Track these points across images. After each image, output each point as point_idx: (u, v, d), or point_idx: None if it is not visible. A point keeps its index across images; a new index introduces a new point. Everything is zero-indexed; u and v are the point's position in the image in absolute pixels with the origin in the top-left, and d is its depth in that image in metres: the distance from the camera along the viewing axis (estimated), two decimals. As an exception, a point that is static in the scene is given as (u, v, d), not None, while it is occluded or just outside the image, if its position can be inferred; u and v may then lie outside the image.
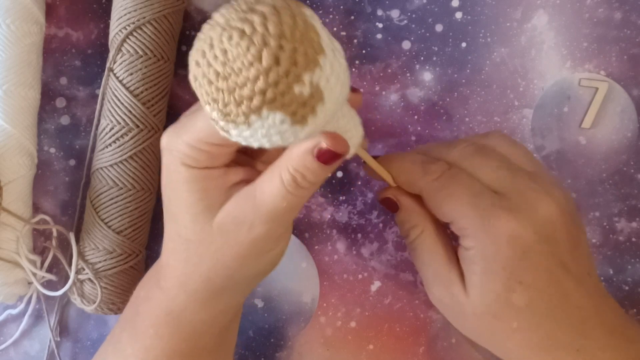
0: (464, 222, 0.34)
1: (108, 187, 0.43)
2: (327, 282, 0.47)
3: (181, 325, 0.35)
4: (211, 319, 0.36)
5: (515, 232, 0.34)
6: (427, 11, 0.46)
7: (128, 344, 0.36)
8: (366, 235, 0.47)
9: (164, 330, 0.35)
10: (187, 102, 0.46)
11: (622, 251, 0.46)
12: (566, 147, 0.46)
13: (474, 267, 0.35)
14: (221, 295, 0.35)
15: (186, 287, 0.34)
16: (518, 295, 0.34)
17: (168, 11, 0.42)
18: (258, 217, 0.32)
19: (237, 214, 0.32)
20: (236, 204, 0.32)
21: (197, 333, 0.35)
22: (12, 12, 0.42)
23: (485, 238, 0.34)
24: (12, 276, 0.44)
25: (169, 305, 0.35)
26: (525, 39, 0.46)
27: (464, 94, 0.46)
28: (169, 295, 0.35)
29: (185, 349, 0.35)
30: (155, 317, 0.35)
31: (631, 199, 0.46)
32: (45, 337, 0.47)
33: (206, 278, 0.34)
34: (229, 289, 0.35)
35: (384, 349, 0.47)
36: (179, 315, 0.35)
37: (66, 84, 0.46)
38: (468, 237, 0.35)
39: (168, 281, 0.35)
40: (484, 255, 0.34)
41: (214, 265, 0.33)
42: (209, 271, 0.33)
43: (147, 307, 0.36)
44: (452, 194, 0.35)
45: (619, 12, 0.46)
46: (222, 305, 0.36)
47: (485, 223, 0.34)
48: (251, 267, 0.34)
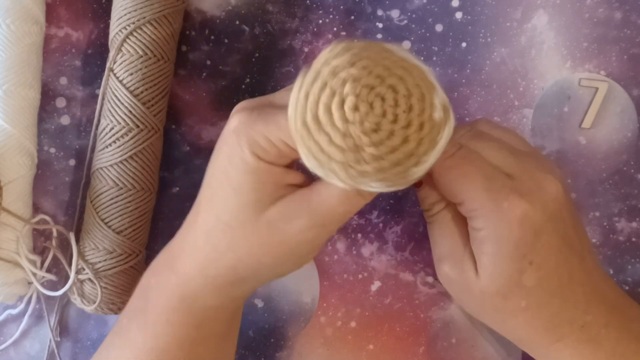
0: (476, 204, 0.34)
1: (108, 187, 0.43)
2: (327, 282, 0.47)
3: (193, 312, 0.35)
4: (223, 306, 0.36)
5: (527, 213, 0.34)
6: (427, 11, 0.46)
7: (138, 333, 0.36)
8: (366, 235, 0.47)
9: (176, 317, 0.35)
10: (187, 102, 0.46)
11: (622, 251, 0.46)
12: (566, 147, 0.46)
13: (485, 248, 0.35)
14: (239, 284, 0.35)
15: (206, 272, 0.34)
16: (528, 276, 0.34)
17: (168, 11, 0.43)
18: (310, 220, 0.32)
19: (290, 213, 0.32)
20: (290, 203, 0.32)
21: (208, 319, 0.35)
22: (12, 12, 0.42)
23: (498, 220, 0.34)
24: (12, 276, 0.44)
25: (183, 290, 0.35)
26: (525, 39, 0.46)
27: (464, 94, 0.46)
28: (184, 279, 0.35)
29: (195, 336, 0.35)
30: (167, 303, 0.35)
31: (631, 199, 0.46)
32: (45, 337, 0.47)
33: (231, 267, 0.33)
34: (249, 280, 0.35)
35: (384, 349, 0.47)
36: (192, 302, 0.35)
37: (66, 84, 0.46)
38: (479, 218, 0.34)
39: (186, 265, 0.35)
40: (496, 236, 0.34)
41: (245, 256, 0.33)
42: (236, 261, 0.33)
43: (158, 293, 0.36)
44: (465, 174, 0.35)
45: (619, 12, 0.46)
46: (237, 293, 0.36)
47: (497, 205, 0.34)
48: (281, 268, 0.34)
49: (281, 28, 0.46)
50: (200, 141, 0.47)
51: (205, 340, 0.36)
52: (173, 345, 0.35)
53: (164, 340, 0.35)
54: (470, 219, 0.35)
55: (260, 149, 0.32)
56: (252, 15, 0.46)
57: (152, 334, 0.35)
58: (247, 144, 0.32)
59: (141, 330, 0.36)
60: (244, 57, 0.46)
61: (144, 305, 0.36)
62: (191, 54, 0.46)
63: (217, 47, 0.46)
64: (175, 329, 0.35)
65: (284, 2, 0.46)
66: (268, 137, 0.31)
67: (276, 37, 0.46)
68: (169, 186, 0.47)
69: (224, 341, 0.38)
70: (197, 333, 0.35)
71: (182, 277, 0.35)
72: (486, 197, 0.34)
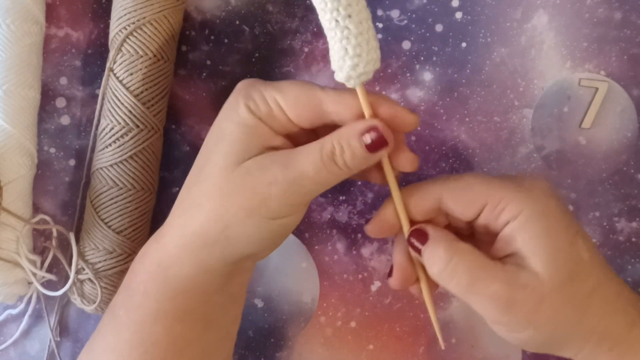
0: (500, 193, 0.34)
1: (108, 187, 0.43)
2: (327, 282, 0.47)
3: (167, 280, 0.35)
4: (196, 277, 0.35)
5: (548, 187, 0.34)
6: (427, 11, 0.46)
7: (121, 305, 0.36)
8: (366, 235, 0.47)
9: (152, 285, 0.35)
10: (187, 102, 0.46)
11: (622, 251, 0.46)
12: (566, 147, 0.46)
13: (531, 232, 0.33)
14: (212, 247, 0.34)
15: (183, 230, 0.35)
16: (581, 246, 0.33)
17: (168, 11, 0.43)
18: (281, 173, 0.33)
19: (265, 164, 0.33)
20: (267, 157, 0.33)
21: (181, 291, 0.35)
22: (12, 12, 0.42)
23: (529, 195, 0.33)
24: (12, 276, 0.44)
25: (160, 255, 0.35)
26: (525, 39, 0.46)
27: (464, 94, 0.46)
28: (163, 244, 0.35)
29: (170, 310, 0.35)
30: (146, 271, 0.35)
31: (631, 199, 0.46)
32: (45, 337, 0.47)
33: (205, 221, 0.34)
34: (220, 244, 0.34)
35: (384, 349, 0.47)
36: (166, 268, 0.35)
37: (66, 84, 0.46)
38: (508, 205, 0.33)
39: (169, 230, 0.35)
40: (537, 212, 0.33)
41: (218, 206, 0.34)
42: (210, 212, 0.34)
43: (141, 262, 0.36)
44: (474, 179, 0.35)
45: (619, 12, 0.46)
46: (207, 258, 0.35)
47: (519, 185, 0.34)
48: (252, 225, 0.34)
49: (281, 28, 0.46)
50: (200, 141, 0.47)
51: (182, 318, 0.36)
52: (149, 318, 0.35)
53: (141, 312, 0.35)
54: (499, 217, 0.34)
55: (254, 103, 0.34)
56: (252, 15, 0.46)
57: (132, 305, 0.36)
58: (243, 98, 0.34)
59: (124, 302, 0.36)
60: (244, 57, 0.46)
61: (128, 277, 0.37)
62: (191, 54, 0.46)
63: (217, 47, 0.46)
64: (151, 299, 0.35)
65: (284, 2, 0.46)
66: (264, 95, 0.34)
67: (276, 37, 0.46)
68: (169, 186, 0.47)
69: (205, 329, 0.37)
70: (171, 306, 0.35)
71: (162, 242, 0.35)
72: (506, 184, 0.34)
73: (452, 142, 0.46)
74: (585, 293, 0.33)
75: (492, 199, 0.34)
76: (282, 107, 0.34)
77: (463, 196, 0.35)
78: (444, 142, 0.46)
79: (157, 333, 0.35)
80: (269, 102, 0.34)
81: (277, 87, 0.34)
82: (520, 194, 0.34)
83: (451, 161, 0.46)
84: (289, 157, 0.33)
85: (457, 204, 0.35)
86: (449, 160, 0.46)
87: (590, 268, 0.34)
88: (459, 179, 0.35)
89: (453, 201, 0.35)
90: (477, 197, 0.34)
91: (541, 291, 0.33)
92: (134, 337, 0.35)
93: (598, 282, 0.34)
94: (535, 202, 0.33)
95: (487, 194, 0.34)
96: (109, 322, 0.37)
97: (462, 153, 0.46)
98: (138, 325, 0.35)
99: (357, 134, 0.33)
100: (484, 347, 0.46)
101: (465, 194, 0.35)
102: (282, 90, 0.34)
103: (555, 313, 0.33)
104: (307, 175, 0.33)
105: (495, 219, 0.34)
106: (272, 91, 0.34)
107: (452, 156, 0.46)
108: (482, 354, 0.46)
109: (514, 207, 0.33)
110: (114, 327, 0.36)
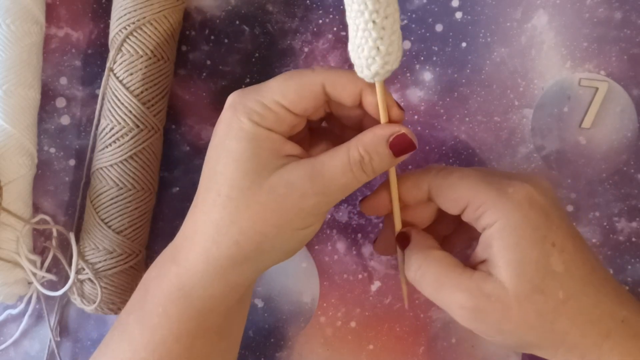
0: (481, 198, 0.34)
1: (108, 187, 0.43)
2: (327, 282, 0.47)
3: (190, 301, 0.34)
4: (221, 296, 0.35)
5: (532, 195, 0.34)
6: (427, 11, 0.46)
7: (135, 326, 0.35)
8: (366, 235, 0.47)
9: (173, 308, 0.34)
10: (187, 102, 0.46)
11: (622, 251, 0.46)
12: (566, 147, 0.46)
13: (504, 242, 0.33)
14: (242, 266, 0.34)
15: (208, 254, 0.34)
16: (555, 259, 0.33)
17: (168, 11, 0.43)
18: (312, 186, 0.32)
19: (292, 180, 0.32)
20: (293, 171, 0.33)
21: (205, 310, 0.35)
22: (12, 12, 0.42)
23: (508, 204, 0.33)
24: (12, 276, 0.44)
25: (181, 280, 0.34)
26: (525, 39, 0.46)
27: (464, 94, 0.46)
28: (185, 266, 0.34)
29: (192, 329, 0.35)
30: (165, 294, 0.35)
31: (631, 199, 0.46)
32: (45, 337, 0.47)
33: (234, 243, 0.33)
34: (251, 260, 0.34)
35: (384, 349, 0.47)
36: (190, 291, 0.34)
37: (66, 84, 0.46)
38: (487, 211, 0.34)
39: (188, 253, 0.34)
40: (512, 223, 0.33)
41: (247, 228, 0.33)
42: (239, 235, 0.33)
43: (157, 284, 0.35)
44: (461, 176, 0.35)
45: (619, 12, 0.46)
46: (236, 279, 0.35)
47: (503, 192, 0.34)
48: (283, 239, 0.34)
49: (281, 28, 0.46)
50: (200, 141, 0.47)
51: (202, 335, 0.35)
52: (170, 338, 0.34)
53: (160, 333, 0.35)
54: (480, 220, 0.34)
55: (257, 114, 0.33)
56: (252, 15, 0.46)
57: (149, 326, 0.35)
58: (244, 113, 0.33)
59: (139, 323, 0.35)
60: (244, 57, 0.46)
61: (142, 298, 0.36)
62: (191, 54, 0.46)
63: (217, 47, 0.46)
64: (172, 321, 0.34)
65: (284, 2, 0.46)
66: (263, 102, 0.33)
67: (276, 37, 0.46)
68: (169, 186, 0.47)
69: (221, 339, 0.37)
70: (194, 326, 0.35)
71: (183, 265, 0.34)
72: (488, 188, 0.34)
73: (452, 142, 0.46)
74: (553, 304, 0.33)
75: (473, 202, 0.34)
76: (286, 107, 0.33)
77: (447, 194, 0.35)
78: (444, 142, 0.46)
79: (176, 351, 0.35)
80: (272, 108, 0.33)
81: (271, 89, 0.33)
82: (499, 201, 0.34)
83: (451, 161, 0.46)
84: (314, 167, 0.33)
85: (441, 199, 0.36)
86: (449, 160, 0.46)
87: (563, 280, 0.33)
88: (448, 175, 0.36)
89: (437, 196, 0.36)
90: (460, 197, 0.35)
91: (506, 301, 0.33)
92: (150, 356, 0.35)
93: (572, 293, 0.33)
94: (513, 212, 0.33)
95: (470, 195, 0.35)
96: (119, 340, 0.36)
97: (462, 153, 0.46)
98: (156, 345, 0.35)
99: (384, 141, 0.33)
100: (484, 347, 0.46)
101: (450, 191, 0.35)
102: (278, 90, 0.33)
103: (521, 323, 0.33)
104: (337, 185, 0.33)
105: (476, 221, 0.35)
106: (269, 95, 0.33)
107: (452, 156, 0.46)
108: (482, 354, 0.46)
109: (492, 215, 0.34)
110: (127, 345, 0.35)
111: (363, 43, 0.32)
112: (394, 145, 0.33)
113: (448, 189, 0.35)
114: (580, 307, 0.33)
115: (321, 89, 0.34)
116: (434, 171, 0.36)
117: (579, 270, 0.34)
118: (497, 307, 0.33)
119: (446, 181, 0.36)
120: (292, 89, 0.33)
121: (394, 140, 0.33)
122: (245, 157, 0.33)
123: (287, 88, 0.33)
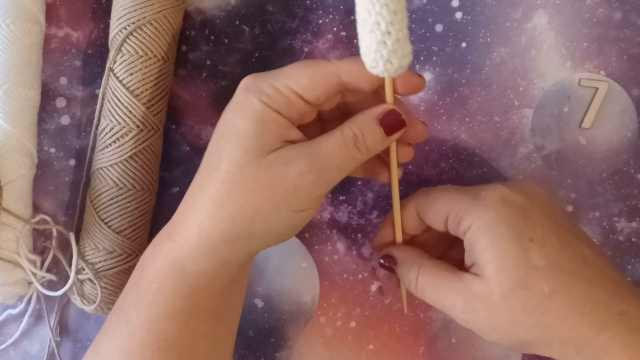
0: (457, 206, 0.36)
1: (108, 187, 0.43)
2: (327, 282, 0.47)
3: (183, 277, 0.35)
4: (213, 273, 0.35)
5: (506, 195, 0.35)
6: (427, 11, 0.46)
7: (131, 305, 0.36)
8: (366, 235, 0.47)
9: (167, 284, 0.35)
10: (187, 102, 0.46)
11: (622, 251, 0.46)
12: (566, 147, 0.46)
13: (481, 242, 0.34)
14: (233, 242, 0.34)
15: (202, 228, 0.34)
16: (535, 254, 0.34)
17: (168, 11, 0.43)
18: (309, 164, 0.33)
19: (290, 158, 0.33)
20: (290, 150, 0.34)
21: (198, 287, 0.35)
22: (12, 12, 0.42)
23: (480, 206, 0.35)
24: (12, 276, 0.44)
25: (175, 254, 0.35)
26: (525, 39, 0.46)
27: (464, 94, 0.46)
28: (179, 241, 0.35)
29: (186, 307, 0.35)
30: (160, 270, 0.35)
31: (631, 199, 0.46)
32: (45, 337, 0.47)
33: (228, 218, 0.34)
34: (243, 239, 0.34)
35: (384, 349, 0.47)
36: (184, 266, 0.34)
37: (66, 84, 0.46)
38: (464, 216, 0.35)
39: (183, 228, 0.35)
40: (485, 222, 0.34)
41: (243, 203, 0.33)
42: (234, 209, 0.33)
43: (153, 262, 0.36)
44: (440, 190, 0.38)
45: (619, 12, 0.46)
46: (228, 256, 0.35)
47: (475, 196, 0.36)
48: (277, 219, 0.34)
49: (281, 28, 0.46)
50: (200, 141, 0.47)
51: (197, 314, 0.35)
52: (164, 315, 0.35)
53: (155, 311, 0.35)
54: (458, 227, 0.36)
55: (267, 96, 0.34)
56: (252, 15, 0.46)
57: (145, 304, 0.35)
58: (255, 93, 0.34)
59: (134, 302, 0.36)
60: (244, 57, 0.46)
61: (138, 277, 0.36)
62: (191, 54, 0.46)
63: (217, 47, 0.46)
64: (166, 297, 0.35)
65: (284, 2, 0.46)
66: (275, 86, 0.34)
67: (276, 37, 0.46)
68: (169, 186, 0.47)
69: (216, 322, 0.37)
70: (187, 304, 0.35)
71: (177, 240, 0.35)
72: (463, 196, 0.36)
73: (452, 142, 0.46)
74: (539, 298, 0.34)
75: (452, 211, 0.36)
76: (298, 92, 0.34)
77: (429, 209, 0.38)
78: (444, 142, 0.46)
79: (171, 330, 0.35)
80: (283, 92, 0.34)
81: (285, 74, 0.34)
82: (472, 205, 0.35)
83: (451, 161, 0.46)
84: (311, 148, 0.34)
85: (426, 216, 0.38)
86: (449, 160, 0.46)
87: (547, 274, 0.34)
88: (428, 193, 0.38)
89: (423, 214, 0.38)
90: (440, 210, 0.37)
91: (492, 299, 0.34)
92: (146, 336, 0.35)
93: (557, 286, 0.34)
94: (485, 213, 0.35)
95: (448, 206, 0.36)
96: (117, 323, 0.36)
97: (462, 153, 0.46)
98: (151, 324, 0.35)
99: (374, 118, 0.34)
100: (484, 347, 0.46)
101: (430, 207, 0.38)
102: (292, 76, 0.34)
103: (509, 319, 0.34)
104: (333, 163, 0.34)
105: (457, 229, 0.36)
106: (283, 80, 0.34)
107: (452, 156, 0.46)
108: (482, 354, 0.46)
109: (467, 219, 0.35)
110: (124, 327, 0.36)
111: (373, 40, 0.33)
112: (384, 121, 0.34)
113: (430, 204, 0.38)
114: (570, 300, 0.34)
115: (336, 79, 0.34)
116: (417, 195, 0.39)
117: (566, 264, 0.34)
118: (485, 305, 0.34)
119: (428, 197, 0.38)
120: (306, 76, 0.34)
121: (384, 116, 0.34)
122: (249, 135, 0.33)
123: (301, 75, 0.34)
